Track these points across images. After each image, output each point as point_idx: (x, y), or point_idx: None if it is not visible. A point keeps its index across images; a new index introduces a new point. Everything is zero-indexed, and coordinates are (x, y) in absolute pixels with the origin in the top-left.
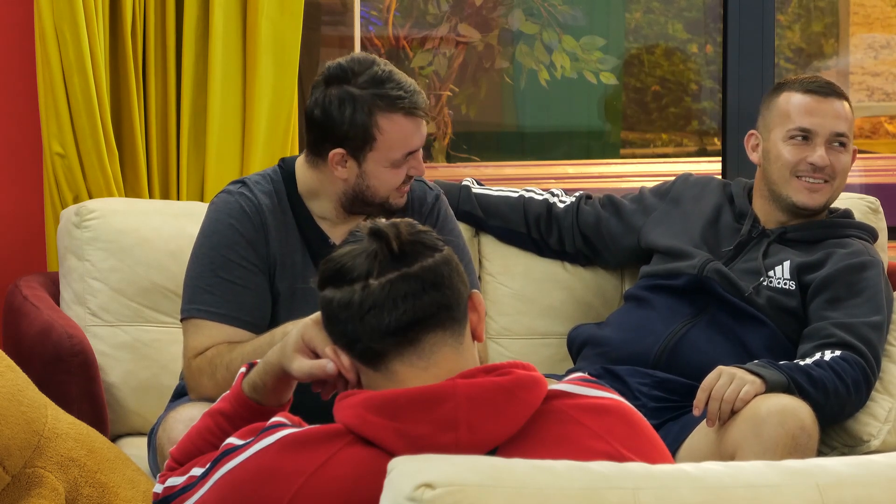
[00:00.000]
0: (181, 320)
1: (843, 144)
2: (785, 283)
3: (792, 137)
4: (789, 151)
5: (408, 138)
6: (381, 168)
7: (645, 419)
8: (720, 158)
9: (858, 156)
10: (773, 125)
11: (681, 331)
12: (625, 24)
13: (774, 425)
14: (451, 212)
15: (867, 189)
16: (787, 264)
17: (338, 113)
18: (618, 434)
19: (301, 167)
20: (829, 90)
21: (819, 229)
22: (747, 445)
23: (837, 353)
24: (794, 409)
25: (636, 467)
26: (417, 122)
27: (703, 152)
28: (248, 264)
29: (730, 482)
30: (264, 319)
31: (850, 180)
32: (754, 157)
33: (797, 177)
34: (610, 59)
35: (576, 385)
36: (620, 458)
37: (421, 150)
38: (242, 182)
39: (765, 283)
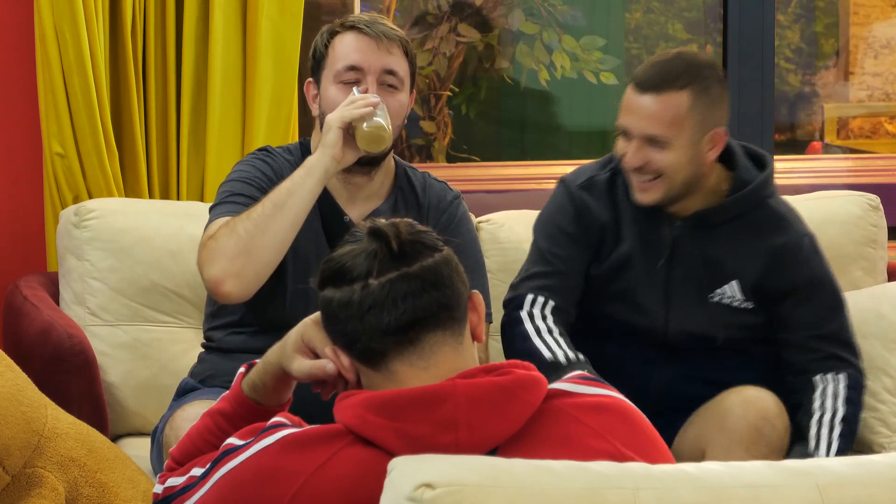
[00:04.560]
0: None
1: (654, 141)
2: (742, 303)
3: (621, 134)
4: (619, 145)
5: (350, 51)
6: (329, 85)
7: (645, 417)
8: None
9: (858, 156)
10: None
11: (657, 379)
12: (625, 24)
13: (737, 418)
14: (470, 215)
15: (867, 189)
16: (735, 284)
17: (313, 45)
18: (618, 432)
19: (313, 135)
20: (650, 84)
21: (730, 209)
22: (714, 441)
23: (842, 387)
24: (755, 400)
25: (636, 467)
26: (365, 39)
27: None
28: (262, 188)
29: (730, 482)
30: None
31: (849, 180)
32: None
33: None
34: (610, 59)
35: (575, 384)
36: (620, 457)
37: (378, 80)
38: (265, 148)
39: (716, 300)
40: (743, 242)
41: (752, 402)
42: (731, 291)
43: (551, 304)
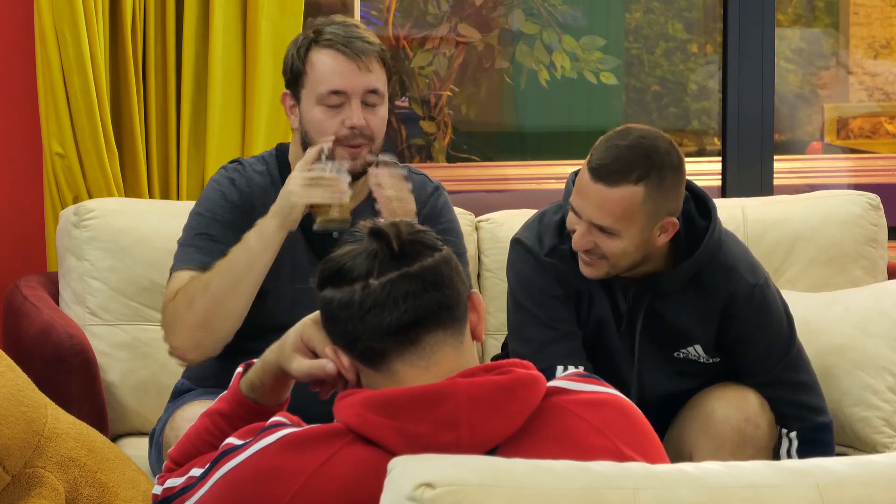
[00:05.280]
0: (163, 309)
1: (603, 230)
2: (709, 360)
3: (572, 210)
4: (570, 220)
5: (331, 74)
6: (311, 106)
7: (642, 413)
8: (720, 158)
9: (858, 156)
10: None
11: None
12: (625, 24)
13: (721, 421)
14: (451, 206)
15: (867, 189)
16: (699, 348)
17: (287, 55)
18: (617, 428)
19: (291, 145)
20: (604, 174)
21: (680, 276)
22: (700, 444)
23: (794, 446)
24: (737, 400)
25: (636, 467)
26: (346, 61)
27: (702, 152)
28: (226, 222)
29: (730, 482)
30: None
31: (849, 180)
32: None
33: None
34: (610, 59)
35: (572, 381)
36: (619, 454)
37: (361, 100)
38: (238, 161)
39: (682, 357)
40: (696, 306)
41: (734, 404)
42: (696, 352)
43: (580, 369)
